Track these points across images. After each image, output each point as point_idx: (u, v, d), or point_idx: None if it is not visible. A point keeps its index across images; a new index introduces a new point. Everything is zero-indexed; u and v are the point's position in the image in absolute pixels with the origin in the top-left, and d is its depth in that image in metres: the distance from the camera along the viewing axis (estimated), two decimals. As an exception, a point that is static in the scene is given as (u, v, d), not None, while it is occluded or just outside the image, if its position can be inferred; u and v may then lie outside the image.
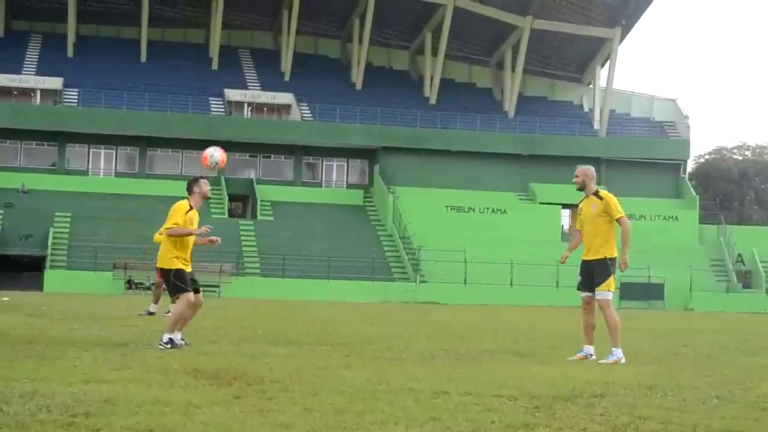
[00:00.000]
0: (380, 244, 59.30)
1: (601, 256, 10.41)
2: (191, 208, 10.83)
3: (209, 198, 11.15)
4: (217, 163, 11.15)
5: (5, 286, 47.66)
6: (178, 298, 10.87)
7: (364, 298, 49.38)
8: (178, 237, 10.70)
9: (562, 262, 11.15)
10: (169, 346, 10.40)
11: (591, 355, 10.61)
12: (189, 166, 63.73)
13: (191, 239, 10.92)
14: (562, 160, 66.74)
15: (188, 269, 10.88)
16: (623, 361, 10.24)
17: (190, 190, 10.99)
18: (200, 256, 50.05)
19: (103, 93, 63.25)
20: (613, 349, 10.36)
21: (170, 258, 10.71)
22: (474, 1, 67.41)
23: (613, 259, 10.42)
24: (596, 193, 10.61)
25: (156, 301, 19.50)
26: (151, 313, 18.97)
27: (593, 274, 10.45)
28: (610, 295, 10.45)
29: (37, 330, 13.11)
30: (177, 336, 10.76)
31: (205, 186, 10.98)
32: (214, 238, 11.04)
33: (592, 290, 10.51)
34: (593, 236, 10.46)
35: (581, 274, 10.61)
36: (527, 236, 59.75)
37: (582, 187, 10.65)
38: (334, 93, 68.66)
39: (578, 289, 10.69)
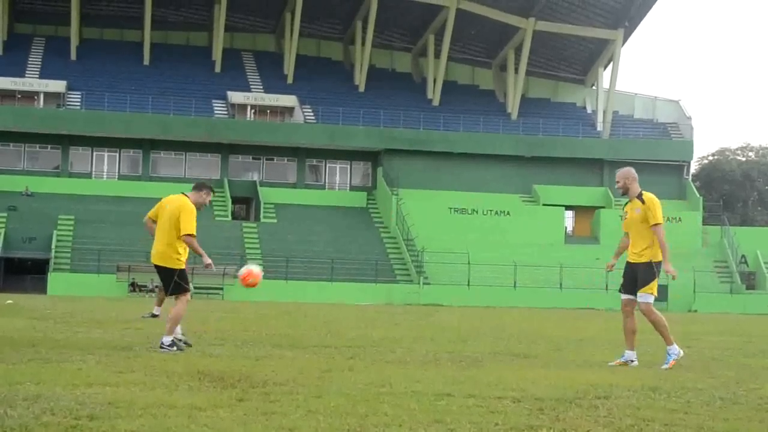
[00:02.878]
0: (383, 246, 59.28)
1: (646, 260, 10.16)
2: None
3: (201, 210, 11.03)
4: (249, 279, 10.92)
5: (9, 288, 47.73)
6: (177, 297, 10.79)
7: (368, 300, 49.37)
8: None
9: (609, 271, 10.87)
10: (174, 348, 10.39)
11: (632, 360, 10.31)
12: (192, 169, 63.84)
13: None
14: (565, 161, 66.83)
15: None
16: (682, 354, 10.15)
17: (195, 190, 10.96)
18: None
19: (107, 96, 63.31)
20: (668, 348, 10.16)
21: (175, 257, 10.69)
22: (476, 3, 67.39)
23: (658, 264, 10.16)
24: (640, 196, 10.34)
25: (160, 304, 19.50)
26: (154, 316, 18.99)
27: (636, 277, 10.20)
28: (651, 299, 10.21)
29: (40, 333, 13.12)
30: (178, 333, 10.81)
31: (207, 198, 10.94)
32: (209, 264, 10.95)
33: (634, 293, 10.28)
34: (638, 240, 10.23)
35: (624, 276, 10.37)
36: (530, 238, 59.71)
37: (626, 191, 10.39)
38: (337, 95, 68.70)
39: (619, 291, 10.48)
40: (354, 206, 64.30)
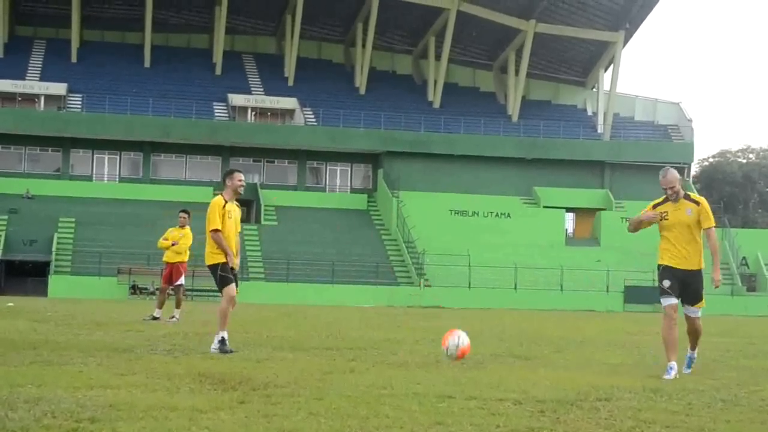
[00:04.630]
0: (384, 248, 59.26)
1: (699, 267, 9.50)
2: (226, 201, 11.06)
3: (240, 193, 11.29)
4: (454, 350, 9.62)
5: (10, 291, 47.74)
6: (221, 292, 11.10)
7: (369, 303, 49.36)
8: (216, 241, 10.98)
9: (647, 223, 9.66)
10: (218, 347, 10.71)
11: (689, 357, 9.84)
12: (193, 171, 63.82)
13: (232, 233, 11.08)
14: (565, 163, 66.83)
15: (232, 262, 11.06)
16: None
17: (224, 182, 11.34)
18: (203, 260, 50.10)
19: (107, 98, 63.32)
20: (694, 352, 9.82)
21: (212, 254, 10.93)
22: (477, 5, 67.43)
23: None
24: (688, 197, 9.66)
25: (160, 306, 19.48)
26: (155, 318, 18.97)
27: (691, 286, 9.49)
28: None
29: (41, 335, 13.12)
30: (225, 334, 10.94)
31: (237, 180, 11.21)
32: (236, 264, 11.15)
33: (681, 299, 9.50)
34: (689, 243, 9.51)
35: (672, 278, 9.43)
36: (531, 240, 59.71)
37: (678, 196, 9.62)
38: (338, 97, 68.70)
39: (666, 294, 9.43)
40: (355, 208, 64.30)
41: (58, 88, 64.36)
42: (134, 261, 50.99)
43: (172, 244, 19.33)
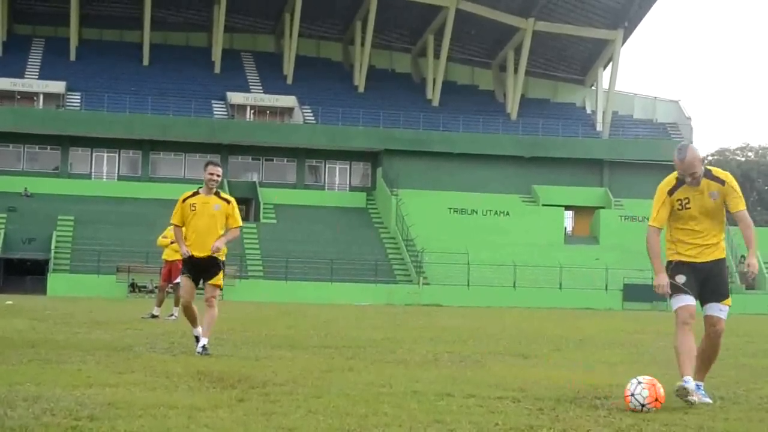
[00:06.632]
0: (383, 246, 59.26)
1: (722, 256, 7.51)
2: (194, 194, 10.96)
3: (211, 187, 11.06)
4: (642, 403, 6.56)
5: (9, 289, 47.69)
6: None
7: (368, 301, 49.39)
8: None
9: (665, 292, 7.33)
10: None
11: (696, 386, 7.19)
12: (192, 170, 63.70)
13: (202, 226, 10.86)
14: (564, 162, 66.81)
15: (197, 252, 10.80)
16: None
17: None
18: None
19: (106, 97, 63.27)
20: (701, 383, 7.47)
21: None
22: (476, 4, 67.42)
23: None
24: (713, 176, 7.43)
25: (159, 305, 19.51)
26: (154, 316, 18.98)
27: (714, 278, 7.41)
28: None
29: (40, 334, 13.12)
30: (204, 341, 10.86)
31: (207, 173, 11.13)
32: (184, 252, 10.92)
33: (699, 300, 7.43)
34: (712, 231, 7.48)
35: (687, 275, 7.35)
36: (530, 238, 59.70)
37: (700, 180, 7.39)
38: (337, 96, 68.69)
39: (680, 292, 7.30)
40: (354, 207, 64.29)
41: (57, 87, 64.33)
42: (133, 259, 50.97)
43: (172, 242, 19.32)
